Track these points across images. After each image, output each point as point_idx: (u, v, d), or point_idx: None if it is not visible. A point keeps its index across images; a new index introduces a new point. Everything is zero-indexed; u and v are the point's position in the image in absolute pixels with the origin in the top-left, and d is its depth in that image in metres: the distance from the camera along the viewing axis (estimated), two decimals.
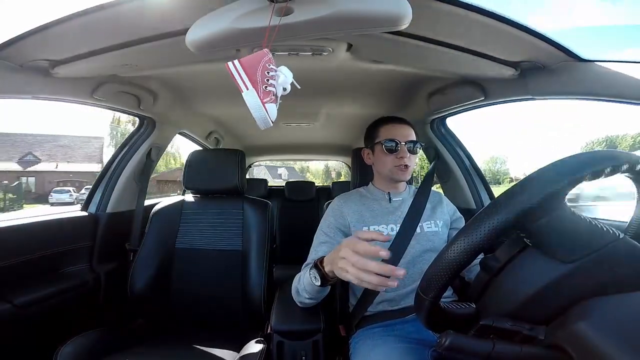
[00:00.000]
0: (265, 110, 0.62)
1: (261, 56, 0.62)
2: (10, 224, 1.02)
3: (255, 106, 0.61)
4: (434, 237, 0.90)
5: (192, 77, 1.15)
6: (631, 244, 0.38)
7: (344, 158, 3.07)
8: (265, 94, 0.62)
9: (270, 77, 0.62)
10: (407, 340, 0.76)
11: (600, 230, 0.38)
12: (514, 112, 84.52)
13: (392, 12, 0.59)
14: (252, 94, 0.61)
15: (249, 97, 0.61)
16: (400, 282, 0.86)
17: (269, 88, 0.62)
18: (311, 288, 0.77)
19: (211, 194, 1.24)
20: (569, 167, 0.37)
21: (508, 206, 0.36)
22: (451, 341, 0.38)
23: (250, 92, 0.61)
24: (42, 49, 0.78)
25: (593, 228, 0.38)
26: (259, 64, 0.62)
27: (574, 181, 0.36)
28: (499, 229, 0.36)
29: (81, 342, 0.85)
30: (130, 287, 1.09)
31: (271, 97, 0.63)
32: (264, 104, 0.61)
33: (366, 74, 1.10)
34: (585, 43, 69.66)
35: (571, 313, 0.35)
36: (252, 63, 0.62)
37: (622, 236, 0.38)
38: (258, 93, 0.61)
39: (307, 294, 0.80)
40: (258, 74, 0.61)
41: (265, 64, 0.62)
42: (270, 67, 0.63)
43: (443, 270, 0.39)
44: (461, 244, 0.38)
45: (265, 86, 0.62)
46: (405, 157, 0.89)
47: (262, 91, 0.61)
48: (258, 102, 0.61)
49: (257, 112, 0.62)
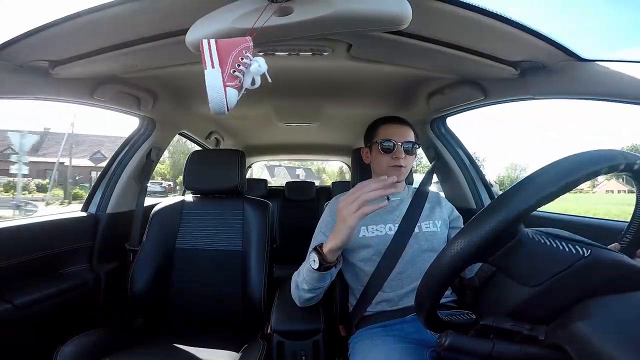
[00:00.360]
0: (224, 93, 0.60)
1: (241, 42, 0.60)
2: (10, 224, 1.02)
3: (215, 86, 0.59)
4: (433, 237, 0.90)
5: (192, 77, 1.15)
6: (598, 261, 0.36)
7: (344, 158, 3.07)
8: (231, 77, 0.60)
9: (242, 64, 0.60)
10: (406, 340, 0.76)
11: (562, 252, 0.37)
12: (534, 117, 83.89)
13: (392, 12, 0.59)
14: (216, 74, 0.59)
15: (211, 76, 0.59)
16: (399, 282, 0.86)
17: (237, 73, 0.60)
18: (310, 276, 0.78)
19: (211, 194, 1.24)
20: (566, 168, 0.37)
21: (502, 210, 0.36)
22: (451, 341, 0.38)
23: (215, 71, 0.59)
24: (42, 49, 0.78)
25: (554, 251, 0.38)
26: (235, 48, 0.60)
27: (572, 183, 0.36)
28: (479, 245, 0.37)
29: (81, 342, 0.85)
30: (130, 287, 1.09)
31: (236, 83, 0.61)
32: (225, 86, 0.59)
33: (366, 74, 1.10)
34: (586, 43, 69.50)
35: (571, 313, 0.35)
36: (228, 45, 0.60)
37: (588, 253, 0.36)
38: (223, 74, 0.59)
39: (307, 285, 0.80)
40: (231, 57, 0.59)
41: (242, 50, 0.60)
42: (246, 55, 0.60)
43: (441, 274, 0.39)
44: (459, 245, 0.38)
45: (234, 70, 0.60)
46: (400, 158, 0.89)
47: (228, 74, 0.59)
48: (219, 82, 0.59)
49: (214, 93, 0.59)
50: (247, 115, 1.73)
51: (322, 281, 0.81)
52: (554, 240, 0.38)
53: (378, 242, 0.88)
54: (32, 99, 0.93)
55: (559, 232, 0.40)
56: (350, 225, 0.68)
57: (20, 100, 0.93)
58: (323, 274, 0.78)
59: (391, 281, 0.86)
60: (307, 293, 0.83)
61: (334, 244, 0.73)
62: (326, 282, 0.83)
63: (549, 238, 0.39)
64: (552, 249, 0.38)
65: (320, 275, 0.78)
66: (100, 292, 1.23)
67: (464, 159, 1.41)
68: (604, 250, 0.38)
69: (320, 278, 0.79)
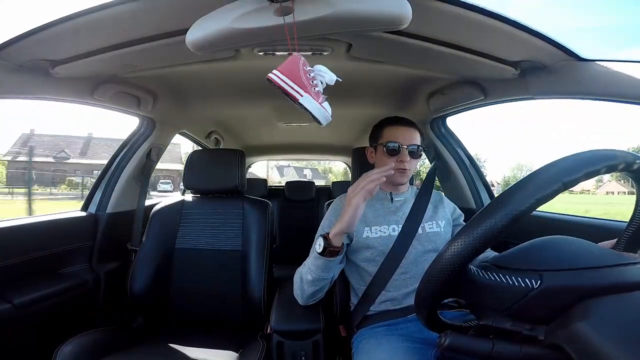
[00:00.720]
0: (324, 109, 0.66)
1: (296, 61, 0.64)
2: (10, 224, 1.02)
3: (315, 108, 0.65)
4: (436, 238, 0.90)
5: (192, 77, 1.15)
6: (549, 289, 0.35)
7: (344, 158, 3.07)
8: (317, 95, 0.66)
9: (312, 79, 0.66)
10: (411, 340, 0.76)
11: (512, 287, 0.37)
12: (535, 116, 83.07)
13: (392, 12, 0.59)
14: (309, 98, 0.64)
15: (307, 102, 0.64)
16: (403, 282, 0.86)
17: (317, 89, 0.66)
18: (315, 263, 0.80)
19: (211, 194, 1.24)
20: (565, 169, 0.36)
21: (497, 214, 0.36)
22: (451, 341, 0.38)
23: (306, 97, 0.64)
24: (42, 49, 0.78)
25: (504, 285, 0.37)
26: (298, 69, 0.64)
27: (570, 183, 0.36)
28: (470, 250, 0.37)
29: (81, 341, 0.85)
30: (130, 287, 1.09)
31: (322, 97, 0.67)
32: (321, 105, 0.66)
33: (366, 74, 1.10)
34: (585, 43, 69.34)
35: (571, 313, 0.34)
36: (292, 70, 0.64)
37: (537, 285, 0.36)
38: (312, 96, 0.64)
39: (311, 275, 0.82)
40: (302, 78, 0.64)
41: (302, 67, 0.64)
42: (308, 69, 0.65)
43: (439, 274, 0.39)
44: (457, 245, 0.38)
45: (313, 87, 0.65)
46: (405, 161, 0.89)
47: (314, 93, 0.65)
48: (316, 104, 0.65)
49: (318, 113, 0.66)
50: (247, 115, 1.74)
51: (326, 271, 0.82)
52: (503, 276, 0.38)
53: (381, 243, 0.88)
54: (32, 98, 0.93)
55: (505, 263, 0.40)
56: (356, 205, 0.74)
57: (21, 100, 0.93)
58: (327, 262, 0.80)
59: (395, 281, 0.86)
60: (311, 286, 0.83)
61: (339, 228, 0.77)
62: (329, 275, 0.83)
63: (496, 274, 0.38)
64: (502, 284, 0.37)
65: (324, 262, 0.80)
66: (100, 292, 1.23)
67: (463, 159, 1.41)
68: (554, 275, 0.36)
69: (325, 267, 0.81)
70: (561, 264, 0.37)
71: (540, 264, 0.37)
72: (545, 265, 0.37)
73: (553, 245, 0.41)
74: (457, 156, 1.41)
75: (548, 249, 0.40)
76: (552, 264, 0.37)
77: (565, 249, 0.40)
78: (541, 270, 0.36)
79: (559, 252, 0.39)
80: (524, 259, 0.39)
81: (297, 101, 0.64)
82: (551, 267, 0.37)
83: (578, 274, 0.36)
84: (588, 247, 0.40)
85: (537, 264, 0.38)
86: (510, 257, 0.41)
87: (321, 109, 0.66)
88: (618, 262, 0.37)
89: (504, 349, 0.37)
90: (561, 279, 0.36)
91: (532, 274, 0.36)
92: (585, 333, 0.31)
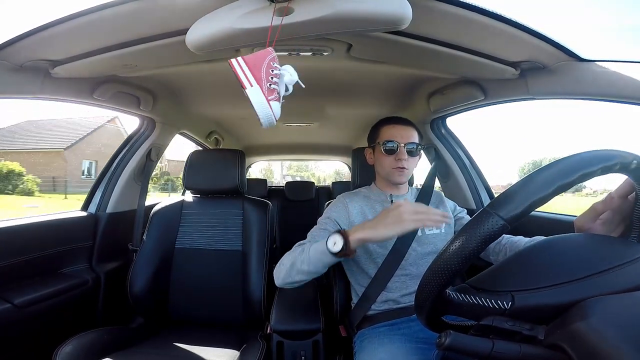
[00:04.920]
0: (270, 108, 0.61)
1: (266, 54, 0.62)
2: (10, 224, 1.02)
3: (260, 103, 0.61)
4: (435, 239, 0.90)
5: (192, 77, 1.15)
6: (521, 309, 0.36)
7: (344, 158, 3.07)
8: (270, 91, 0.61)
9: (274, 75, 0.62)
10: (414, 339, 0.76)
11: (486, 308, 0.37)
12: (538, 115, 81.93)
13: (392, 12, 0.59)
14: (257, 91, 0.60)
15: (254, 94, 0.60)
16: (404, 283, 0.86)
17: (273, 86, 0.62)
18: (319, 258, 0.73)
19: (211, 194, 1.24)
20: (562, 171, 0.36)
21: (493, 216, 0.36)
22: (451, 340, 0.38)
23: (255, 89, 0.60)
24: (42, 49, 0.78)
25: (479, 306, 0.38)
26: (263, 62, 0.61)
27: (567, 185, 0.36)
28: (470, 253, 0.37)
29: (81, 342, 0.85)
30: (130, 287, 1.09)
31: (275, 95, 0.62)
32: (268, 102, 0.61)
33: (366, 74, 1.10)
34: (585, 43, 68.57)
35: (571, 313, 0.34)
36: (256, 61, 0.61)
37: (509, 306, 0.36)
38: (262, 90, 0.61)
39: (308, 266, 0.75)
40: (263, 71, 0.61)
41: (269, 62, 0.62)
42: (274, 66, 0.62)
43: (439, 274, 0.39)
44: (456, 245, 0.38)
45: (270, 84, 0.61)
46: (403, 159, 0.88)
47: (266, 89, 0.61)
48: (263, 99, 0.60)
49: (261, 110, 0.61)
50: (247, 115, 1.73)
51: (325, 268, 0.76)
52: (478, 298, 0.38)
53: (381, 245, 0.88)
54: (32, 98, 0.93)
55: (480, 284, 0.40)
56: (405, 228, 0.67)
57: (20, 100, 0.93)
58: (334, 260, 0.73)
59: (395, 282, 0.86)
60: (303, 276, 0.77)
61: (368, 235, 0.69)
62: (323, 271, 0.77)
63: (472, 295, 0.38)
64: (476, 305, 0.38)
65: (331, 260, 0.73)
66: (100, 292, 1.23)
67: (463, 159, 1.41)
68: (527, 295, 0.37)
69: (328, 264, 0.75)
70: (534, 282, 0.37)
71: (513, 285, 0.38)
72: (518, 284, 0.38)
73: (527, 261, 0.41)
74: (457, 157, 1.41)
75: (522, 267, 0.41)
76: (524, 283, 0.38)
77: (539, 264, 0.40)
78: (514, 291, 0.37)
79: (533, 269, 0.40)
80: (497, 279, 0.40)
81: (245, 90, 0.61)
82: (523, 287, 0.37)
83: (551, 292, 0.36)
84: (563, 258, 0.40)
85: (510, 284, 0.38)
86: (486, 277, 0.41)
87: (266, 106, 0.60)
88: (591, 272, 0.37)
89: (504, 348, 0.37)
90: (533, 298, 0.36)
91: (505, 295, 0.37)
92: (584, 333, 0.31)
